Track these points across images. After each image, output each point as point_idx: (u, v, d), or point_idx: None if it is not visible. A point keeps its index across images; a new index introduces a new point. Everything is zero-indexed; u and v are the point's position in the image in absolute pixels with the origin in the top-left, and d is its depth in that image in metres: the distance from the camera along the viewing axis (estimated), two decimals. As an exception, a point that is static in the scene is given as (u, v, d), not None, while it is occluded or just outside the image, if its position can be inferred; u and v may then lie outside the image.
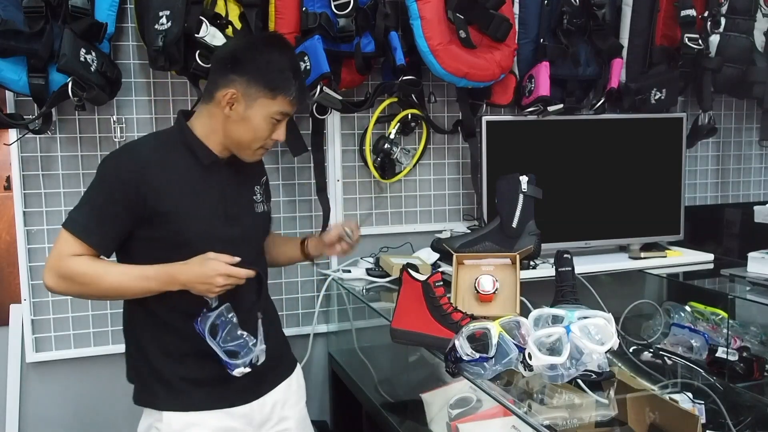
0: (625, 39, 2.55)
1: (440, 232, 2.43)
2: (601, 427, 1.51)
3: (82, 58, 1.90)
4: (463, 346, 1.41)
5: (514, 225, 1.99)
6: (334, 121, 2.41)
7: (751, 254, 2.25)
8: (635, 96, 2.55)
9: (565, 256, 1.84)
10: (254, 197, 1.70)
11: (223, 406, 1.63)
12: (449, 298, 1.65)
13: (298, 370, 1.85)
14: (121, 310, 2.35)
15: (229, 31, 2.05)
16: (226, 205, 1.61)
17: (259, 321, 1.61)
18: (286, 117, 1.60)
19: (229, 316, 1.54)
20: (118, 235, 1.54)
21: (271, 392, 1.72)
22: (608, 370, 1.43)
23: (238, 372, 1.54)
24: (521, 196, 2.00)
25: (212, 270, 1.49)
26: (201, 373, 1.60)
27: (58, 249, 1.52)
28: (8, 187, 2.24)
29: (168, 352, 1.62)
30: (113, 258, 1.61)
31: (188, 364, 1.61)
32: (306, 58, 2.09)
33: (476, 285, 1.83)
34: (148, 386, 1.64)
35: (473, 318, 1.59)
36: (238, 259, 1.52)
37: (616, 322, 1.55)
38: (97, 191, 1.55)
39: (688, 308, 2.14)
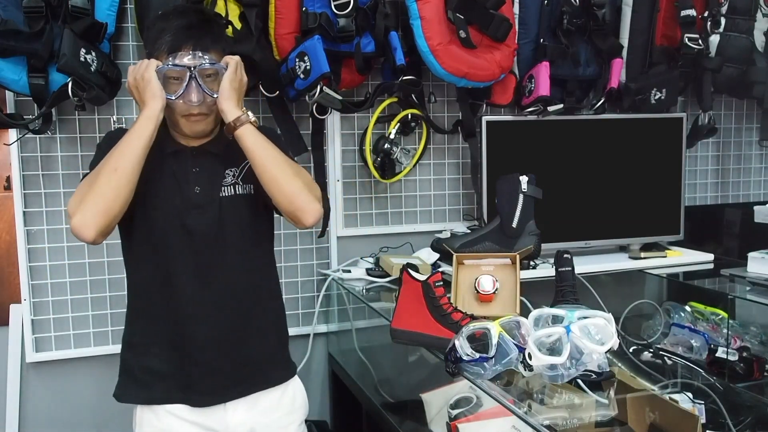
0: (625, 39, 2.55)
1: (440, 232, 2.42)
2: (601, 427, 1.51)
3: (82, 58, 1.90)
4: (463, 346, 1.41)
5: (514, 225, 1.99)
6: (334, 121, 2.41)
7: (751, 254, 2.25)
8: (635, 96, 2.55)
9: (565, 256, 1.84)
10: (223, 180, 1.58)
11: (182, 402, 1.59)
12: (449, 298, 1.65)
13: (294, 385, 1.71)
14: (122, 311, 2.34)
15: (229, 31, 2.05)
16: (190, 195, 1.55)
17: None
18: (180, 73, 1.48)
19: None
20: None
21: (240, 399, 1.61)
22: (608, 370, 1.43)
23: None
24: (521, 196, 2.00)
25: (132, 71, 1.51)
26: (162, 366, 1.59)
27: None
28: (8, 187, 2.24)
29: (133, 342, 1.63)
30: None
31: (152, 354, 1.59)
32: (306, 58, 2.09)
33: (476, 285, 1.83)
34: (120, 378, 1.65)
35: (473, 318, 1.59)
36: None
37: (616, 322, 1.55)
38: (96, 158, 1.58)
39: (688, 308, 2.14)
